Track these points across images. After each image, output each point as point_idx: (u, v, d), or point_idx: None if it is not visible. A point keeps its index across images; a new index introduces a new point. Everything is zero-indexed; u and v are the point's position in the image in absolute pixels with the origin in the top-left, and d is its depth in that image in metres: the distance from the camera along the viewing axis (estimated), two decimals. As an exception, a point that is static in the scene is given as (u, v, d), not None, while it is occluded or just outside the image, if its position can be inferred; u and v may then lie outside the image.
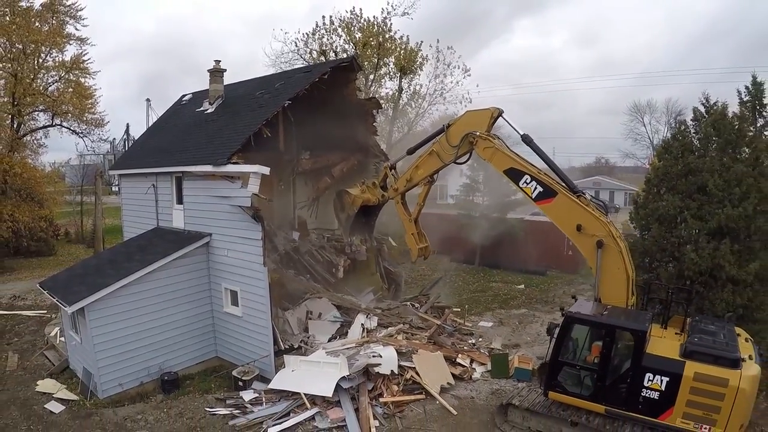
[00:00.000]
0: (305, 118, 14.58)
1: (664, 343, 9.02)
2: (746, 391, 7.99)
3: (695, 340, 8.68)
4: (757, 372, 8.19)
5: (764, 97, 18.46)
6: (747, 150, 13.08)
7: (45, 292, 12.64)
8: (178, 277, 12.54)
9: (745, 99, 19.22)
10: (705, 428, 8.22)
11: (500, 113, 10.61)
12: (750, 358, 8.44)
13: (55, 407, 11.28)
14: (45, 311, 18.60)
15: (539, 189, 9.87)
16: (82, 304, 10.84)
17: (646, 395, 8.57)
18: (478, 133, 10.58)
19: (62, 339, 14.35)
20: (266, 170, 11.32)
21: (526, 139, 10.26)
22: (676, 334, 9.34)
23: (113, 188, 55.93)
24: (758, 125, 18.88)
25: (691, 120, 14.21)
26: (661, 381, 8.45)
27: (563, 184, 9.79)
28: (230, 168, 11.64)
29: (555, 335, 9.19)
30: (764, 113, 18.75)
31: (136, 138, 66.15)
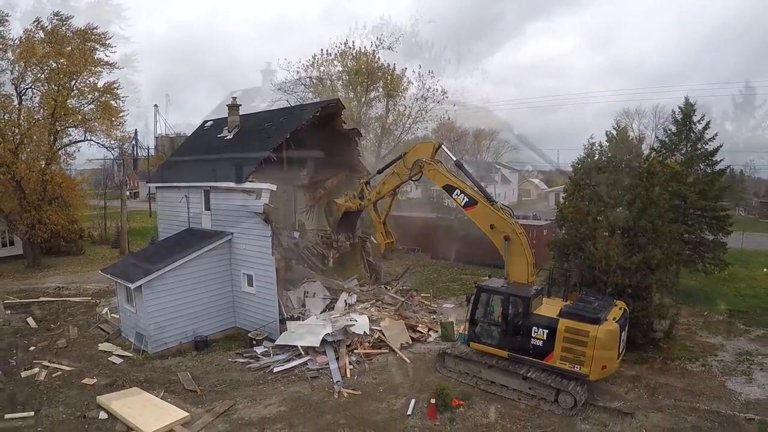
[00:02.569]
0: (303, 144, 17.78)
1: (552, 308, 12.10)
2: (602, 341, 10.75)
3: (571, 305, 11.91)
4: (613, 328, 11.05)
5: (694, 116, 22.56)
6: (644, 165, 16.60)
7: (108, 276, 16.45)
8: (208, 265, 16.07)
9: (679, 117, 23.36)
10: (576, 367, 11.04)
11: (441, 144, 14.42)
12: (614, 319, 11.43)
13: (116, 360, 14.77)
14: (90, 297, 22.24)
15: (466, 199, 13.22)
16: (141, 282, 14.50)
17: (535, 343, 11.55)
18: (425, 159, 14.20)
19: (113, 315, 18.07)
20: (274, 187, 14.97)
21: (458, 164, 14.08)
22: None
23: (126, 192, 59.80)
24: (692, 138, 22.89)
25: (606, 140, 17.83)
26: (544, 333, 11.51)
27: (483, 195, 13.22)
28: (247, 185, 15.27)
29: (471, 301, 12.89)
30: (694, 130, 22.82)
31: (142, 142, 69.91)
